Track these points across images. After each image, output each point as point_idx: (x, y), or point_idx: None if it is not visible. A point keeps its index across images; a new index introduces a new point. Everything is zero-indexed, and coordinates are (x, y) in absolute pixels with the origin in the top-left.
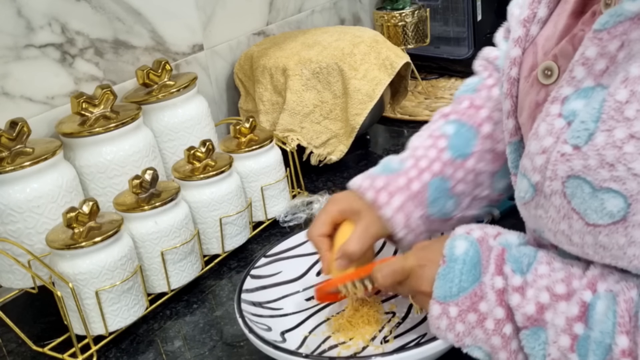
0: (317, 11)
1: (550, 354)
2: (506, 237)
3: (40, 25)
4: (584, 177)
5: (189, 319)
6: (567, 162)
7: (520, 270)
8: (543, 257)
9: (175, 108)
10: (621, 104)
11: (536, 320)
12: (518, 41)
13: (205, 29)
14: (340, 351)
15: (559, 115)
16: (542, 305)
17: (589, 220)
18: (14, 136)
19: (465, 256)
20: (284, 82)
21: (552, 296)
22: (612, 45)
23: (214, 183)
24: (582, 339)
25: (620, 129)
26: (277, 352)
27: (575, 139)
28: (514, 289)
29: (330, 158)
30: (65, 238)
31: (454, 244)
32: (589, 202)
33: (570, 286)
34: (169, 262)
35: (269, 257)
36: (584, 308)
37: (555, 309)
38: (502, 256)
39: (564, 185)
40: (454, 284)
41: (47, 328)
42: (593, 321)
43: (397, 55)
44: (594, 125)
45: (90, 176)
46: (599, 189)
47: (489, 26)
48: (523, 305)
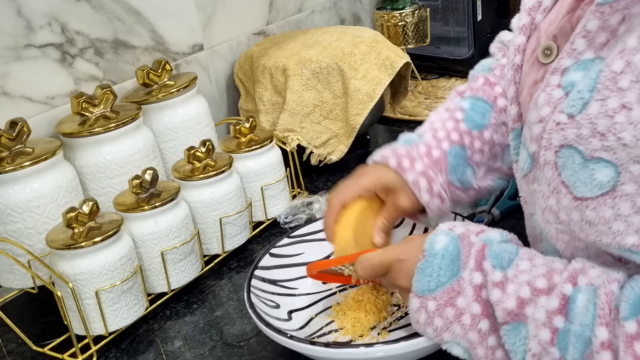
0: (317, 11)
1: (531, 348)
2: (488, 234)
3: (40, 25)
4: (576, 146)
5: (189, 319)
6: (562, 130)
7: (500, 266)
8: (525, 254)
9: (175, 108)
10: (616, 74)
11: (517, 315)
12: (523, 29)
13: (205, 29)
14: (337, 337)
15: (557, 86)
16: (522, 300)
17: (576, 194)
18: (14, 136)
19: (445, 251)
20: (284, 82)
21: (533, 290)
22: (613, 18)
23: (214, 183)
24: (562, 332)
25: (613, 98)
26: (266, 328)
27: (571, 107)
28: (494, 284)
29: (330, 158)
30: (65, 238)
31: (434, 238)
32: (579, 173)
33: (551, 280)
34: (169, 262)
35: (293, 237)
36: (564, 301)
37: (536, 303)
38: (482, 252)
39: (557, 156)
40: (432, 279)
41: (47, 328)
42: (573, 314)
43: (397, 55)
44: (589, 94)
45: (90, 176)
46: (590, 159)
47: (489, 26)
48: (503, 300)
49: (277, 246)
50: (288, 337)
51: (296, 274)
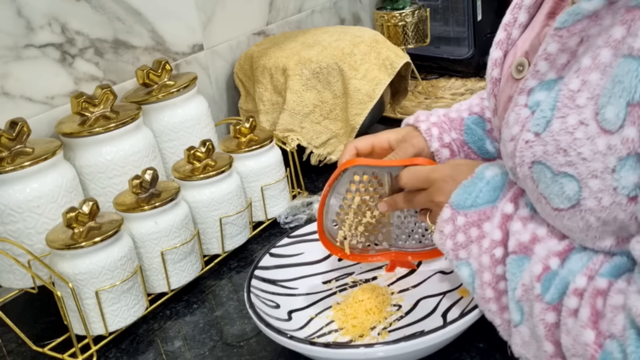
0: (317, 11)
1: (523, 278)
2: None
3: (40, 25)
4: (544, 162)
5: (189, 319)
6: (530, 148)
7: (532, 206)
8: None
9: (175, 108)
10: (574, 92)
11: (525, 248)
12: (499, 44)
13: (205, 29)
14: (337, 337)
15: (525, 106)
16: (536, 237)
17: (553, 205)
18: (14, 136)
19: (492, 179)
20: (284, 82)
21: (549, 232)
22: (571, 41)
23: (214, 183)
24: (552, 272)
25: (572, 115)
26: (266, 329)
27: (536, 126)
28: (520, 217)
29: (330, 158)
30: (65, 238)
31: (488, 166)
32: (551, 186)
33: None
34: (169, 262)
35: (293, 237)
36: (568, 248)
37: (546, 243)
38: (523, 191)
39: (531, 171)
40: (470, 197)
41: (47, 328)
42: (569, 262)
43: (397, 55)
44: (550, 113)
45: (90, 176)
46: (558, 173)
47: (489, 26)
48: (520, 232)
49: (277, 246)
50: (288, 337)
51: (296, 274)
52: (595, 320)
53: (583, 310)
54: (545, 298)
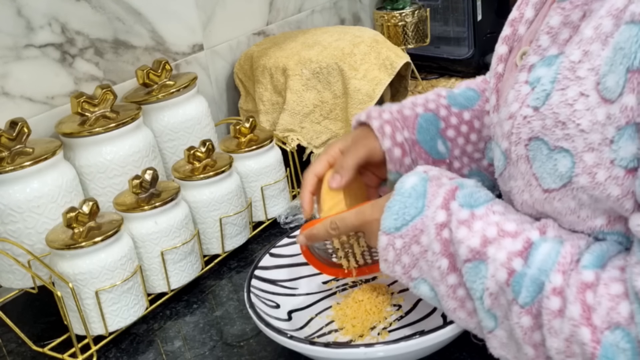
0: (317, 11)
1: (488, 287)
2: (463, 179)
3: (40, 25)
4: (542, 137)
5: (189, 319)
6: (528, 124)
7: (469, 205)
8: (500, 202)
9: (175, 108)
10: (574, 63)
11: (478, 254)
12: (505, 39)
13: (205, 29)
14: (337, 337)
15: (525, 82)
16: (487, 239)
17: (544, 185)
18: (14, 136)
19: (412, 190)
20: (284, 82)
21: (500, 231)
22: (574, 14)
23: (214, 183)
24: (518, 274)
25: (572, 87)
26: (266, 328)
27: (535, 100)
28: (460, 222)
29: None
30: (65, 238)
31: (405, 179)
32: (546, 164)
33: (521, 226)
34: (169, 262)
35: (293, 237)
36: (527, 245)
37: (500, 243)
38: (453, 192)
39: (527, 149)
40: (399, 216)
41: (47, 328)
42: (533, 259)
43: (397, 55)
44: (550, 86)
45: (90, 176)
46: (554, 149)
47: (489, 26)
48: (469, 237)
49: (277, 246)
50: (288, 337)
51: (296, 274)
52: (589, 317)
53: (572, 308)
54: (518, 301)
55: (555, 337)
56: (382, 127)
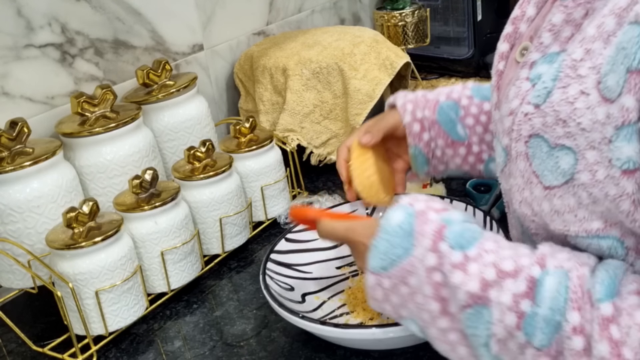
0: (317, 11)
1: (495, 333)
2: (450, 213)
3: (40, 25)
4: (542, 135)
5: (189, 319)
6: (529, 121)
7: (460, 246)
8: (490, 236)
9: (175, 108)
10: (576, 61)
11: (480, 299)
12: (507, 37)
13: (205, 29)
14: (348, 319)
15: (526, 79)
16: (487, 282)
17: (545, 183)
18: (14, 136)
19: (399, 228)
20: (284, 82)
21: (499, 272)
22: (577, 12)
23: (214, 183)
24: (529, 316)
25: (573, 85)
26: (279, 309)
27: (536, 98)
28: (454, 265)
29: (330, 158)
30: (65, 238)
31: (391, 214)
32: (546, 161)
33: (518, 262)
34: (169, 262)
35: None
36: (531, 284)
37: (501, 286)
38: (440, 233)
39: (527, 146)
40: (386, 257)
41: (47, 328)
42: (541, 298)
43: (397, 55)
44: (552, 83)
45: (90, 176)
46: (554, 146)
47: (489, 26)
48: (466, 282)
49: (293, 231)
50: (300, 317)
51: (311, 259)
52: (619, 353)
53: (600, 347)
54: (534, 344)
55: None
56: (405, 105)
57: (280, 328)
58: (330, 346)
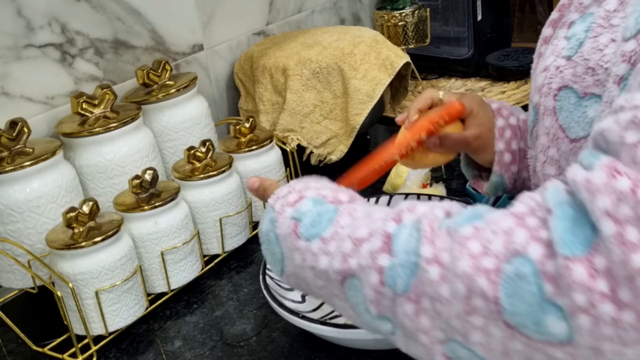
0: (317, 11)
1: (366, 295)
2: (302, 203)
3: (40, 25)
4: (571, 86)
5: (189, 319)
6: (560, 73)
7: (315, 234)
8: (344, 210)
9: (175, 108)
10: (609, 12)
11: (346, 272)
12: (551, 22)
13: (205, 29)
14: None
15: (564, 38)
16: (346, 254)
17: (571, 136)
18: (14, 136)
19: (268, 235)
20: (284, 82)
21: (355, 241)
22: None
23: (214, 183)
24: (388, 269)
25: (605, 34)
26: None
27: (569, 50)
28: (315, 254)
29: (330, 158)
30: (65, 238)
31: (262, 220)
32: (574, 113)
33: (372, 226)
34: (169, 262)
35: None
36: (387, 239)
37: (359, 252)
38: (295, 232)
39: (555, 100)
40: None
41: (47, 328)
42: (397, 248)
43: (397, 55)
44: (584, 34)
45: (90, 176)
46: (583, 96)
47: (489, 26)
48: (330, 263)
49: None
50: (300, 317)
51: None
52: (478, 265)
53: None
54: (397, 292)
55: (448, 305)
56: (504, 130)
57: (280, 328)
58: (330, 346)
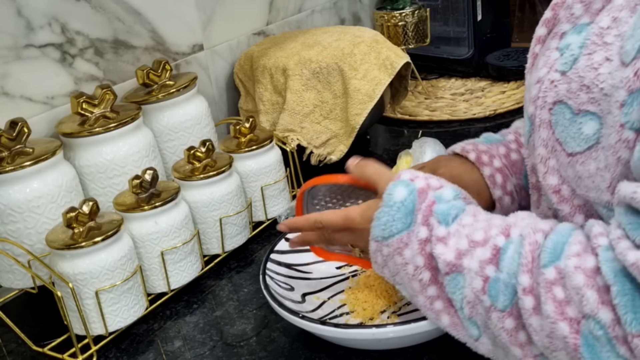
0: (317, 11)
1: (466, 296)
2: (442, 191)
3: (40, 25)
4: (566, 101)
5: (189, 319)
6: (555, 87)
7: (445, 222)
8: (470, 210)
9: (175, 108)
10: (603, 29)
11: (454, 266)
12: (545, 22)
13: (205, 29)
14: (348, 319)
15: (556, 49)
16: (460, 251)
17: (568, 150)
18: (14, 136)
19: (401, 204)
20: (284, 82)
21: (470, 242)
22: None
23: (214, 183)
24: (492, 280)
25: (599, 52)
26: (279, 309)
27: (563, 65)
28: (438, 239)
29: (330, 158)
30: (65, 238)
31: (394, 189)
32: (569, 128)
33: (488, 233)
34: (169, 262)
35: None
36: (495, 251)
37: (472, 254)
38: (430, 208)
39: (550, 113)
40: (387, 227)
41: (47, 328)
42: (503, 264)
43: (397, 55)
44: (579, 50)
45: (90, 176)
46: (578, 113)
47: (489, 26)
48: (444, 252)
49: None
50: (300, 317)
51: (311, 259)
52: (562, 311)
53: (546, 307)
54: (497, 306)
55: (538, 334)
56: (494, 177)
57: (280, 328)
58: (331, 346)
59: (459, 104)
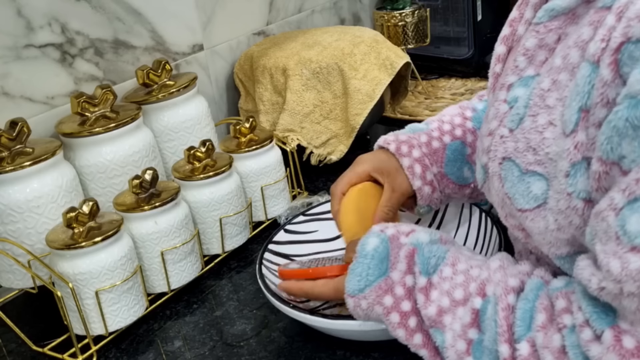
0: (317, 11)
1: (448, 356)
2: (417, 235)
3: (40, 25)
4: (514, 159)
5: (189, 319)
6: (504, 143)
7: (426, 272)
8: (450, 258)
9: (175, 108)
10: (544, 91)
11: (435, 322)
12: (504, 39)
13: (205, 29)
14: (341, 310)
15: (504, 101)
16: (442, 309)
17: (517, 206)
18: (14, 136)
19: (374, 252)
20: (284, 82)
21: (452, 302)
22: (549, 37)
23: (214, 183)
24: (476, 343)
25: (542, 115)
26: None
27: (511, 122)
28: (419, 289)
29: (330, 158)
30: (65, 238)
31: (366, 241)
32: (517, 185)
33: (467, 290)
34: (169, 262)
35: (308, 215)
36: (474, 315)
37: (454, 314)
38: (412, 256)
39: (501, 167)
40: (362, 278)
41: (47, 328)
42: (484, 325)
43: (397, 55)
44: (524, 110)
45: (90, 176)
46: (525, 172)
47: (489, 26)
48: (426, 306)
49: (293, 223)
50: (290, 306)
51: (309, 250)
52: None
53: None
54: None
55: None
56: (412, 167)
57: (280, 328)
58: (330, 346)
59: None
